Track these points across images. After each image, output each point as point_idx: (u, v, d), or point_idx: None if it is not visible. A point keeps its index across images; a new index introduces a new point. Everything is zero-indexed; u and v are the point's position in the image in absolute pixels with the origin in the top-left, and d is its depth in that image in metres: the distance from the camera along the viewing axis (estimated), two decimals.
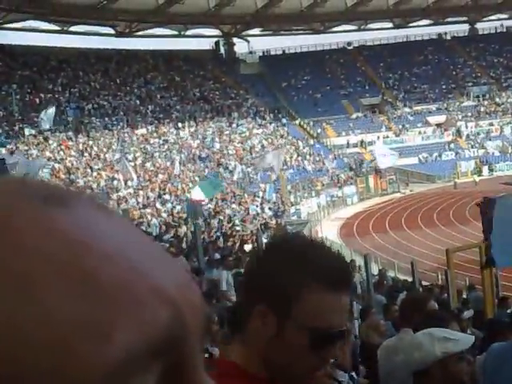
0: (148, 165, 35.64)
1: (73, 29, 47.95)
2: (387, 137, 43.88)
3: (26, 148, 33.91)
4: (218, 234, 28.01)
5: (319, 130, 43.96)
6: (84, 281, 0.28)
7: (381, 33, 55.50)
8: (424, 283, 13.75)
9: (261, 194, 33.44)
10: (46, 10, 43.00)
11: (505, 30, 56.65)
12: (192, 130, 39.75)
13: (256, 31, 53.40)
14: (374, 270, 16.98)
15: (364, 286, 13.22)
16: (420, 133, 44.58)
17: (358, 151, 41.84)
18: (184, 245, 23.13)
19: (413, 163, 41.24)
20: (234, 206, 32.83)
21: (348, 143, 42.56)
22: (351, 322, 7.01)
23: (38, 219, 0.29)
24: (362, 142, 42.83)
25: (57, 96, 40.80)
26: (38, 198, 0.30)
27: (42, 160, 30.79)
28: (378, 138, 43.50)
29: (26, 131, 35.87)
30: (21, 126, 36.52)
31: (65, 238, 0.29)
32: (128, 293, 0.29)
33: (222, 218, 31.61)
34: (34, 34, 47.39)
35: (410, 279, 13.52)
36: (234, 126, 41.39)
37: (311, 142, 42.13)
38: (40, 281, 0.27)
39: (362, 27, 55.11)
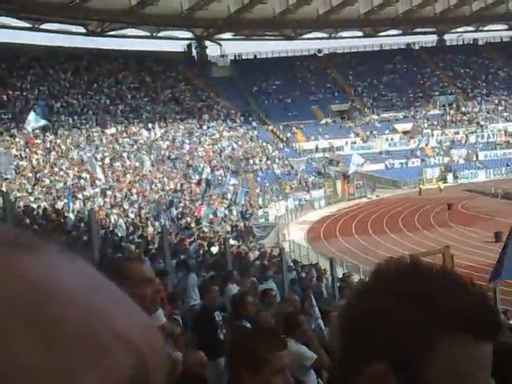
0: (116, 165, 35.50)
1: (44, 26, 47.52)
2: (355, 142, 44.61)
3: None
4: (184, 235, 28.21)
5: (289, 135, 44.44)
6: (47, 327, 0.28)
7: (351, 41, 56.49)
8: None
9: (229, 196, 33.63)
10: (17, 7, 42.50)
11: (471, 41, 58.17)
12: (162, 130, 39.77)
13: (228, 35, 53.68)
14: (340, 273, 17.28)
15: (329, 289, 13.34)
16: (387, 139, 45.43)
17: (326, 156, 42.41)
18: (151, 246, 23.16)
19: (380, 169, 42.00)
20: (202, 207, 32.93)
21: (317, 148, 43.11)
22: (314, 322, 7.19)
23: (3, 265, 0.29)
24: (330, 147, 43.44)
25: (25, 93, 40.38)
26: (3, 243, 0.30)
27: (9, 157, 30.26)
28: (346, 143, 44.20)
29: None
30: None
31: (29, 285, 0.29)
32: (92, 340, 0.29)
33: (189, 219, 31.73)
34: (4, 31, 46.80)
35: None
36: (205, 127, 41.55)
37: (280, 145, 42.56)
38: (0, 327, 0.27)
39: (333, 35, 55.89)
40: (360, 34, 56.55)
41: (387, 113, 48.47)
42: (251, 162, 37.58)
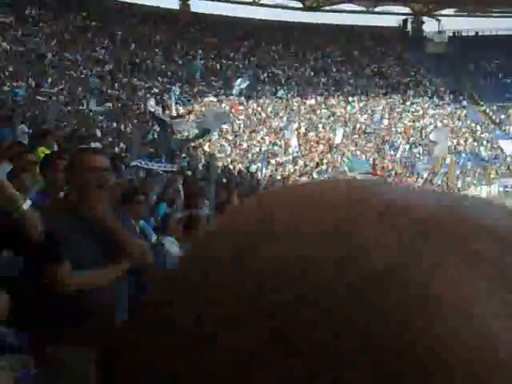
0: (310, 134, 35.31)
1: (263, 1, 49.08)
2: None
3: (202, 110, 35.39)
4: None
5: (503, 116, 39.76)
6: None
7: None
8: None
9: (425, 175, 31.36)
10: None
11: None
12: (361, 104, 38.46)
13: (450, 11, 49.81)
14: None
15: None
16: None
17: None
18: None
19: None
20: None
21: None
22: None
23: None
24: None
25: (236, 63, 42.17)
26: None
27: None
28: None
29: (205, 96, 37.45)
30: (200, 88, 38.35)
31: None
32: None
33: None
34: (227, 5, 49.41)
35: None
36: (408, 103, 39.15)
37: (491, 127, 38.30)
38: None
39: None
40: None
41: None
42: (455, 142, 34.41)
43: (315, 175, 31.70)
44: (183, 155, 25.94)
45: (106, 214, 2.84)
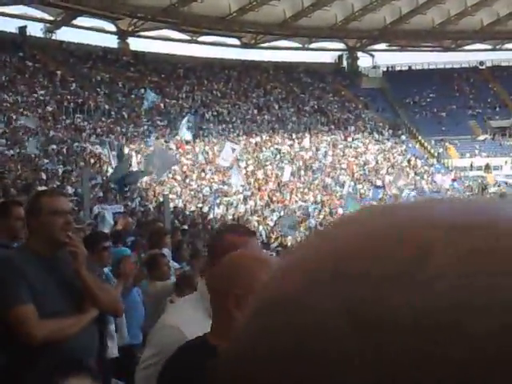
0: (259, 173, 35.70)
1: (201, 39, 49.63)
2: None
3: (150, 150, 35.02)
4: None
5: (441, 150, 41.68)
6: None
7: None
8: None
9: None
10: (178, 20, 44.81)
11: None
12: (306, 141, 39.34)
13: (382, 46, 52.02)
14: None
15: None
16: None
17: (481, 175, 39.05)
18: None
19: None
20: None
21: (472, 166, 39.90)
22: None
23: None
24: (487, 165, 39.97)
25: (180, 102, 42.18)
26: None
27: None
28: (506, 162, 40.40)
29: (152, 135, 37.03)
30: (146, 128, 38.04)
31: None
32: None
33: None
34: (165, 43, 49.64)
35: None
36: (350, 139, 40.40)
37: (431, 161, 40.05)
38: None
39: (498, 47, 51.75)
40: None
41: None
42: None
43: (266, 214, 32.04)
44: (134, 196, 25.60)
45: (77, 260, 2.76)
